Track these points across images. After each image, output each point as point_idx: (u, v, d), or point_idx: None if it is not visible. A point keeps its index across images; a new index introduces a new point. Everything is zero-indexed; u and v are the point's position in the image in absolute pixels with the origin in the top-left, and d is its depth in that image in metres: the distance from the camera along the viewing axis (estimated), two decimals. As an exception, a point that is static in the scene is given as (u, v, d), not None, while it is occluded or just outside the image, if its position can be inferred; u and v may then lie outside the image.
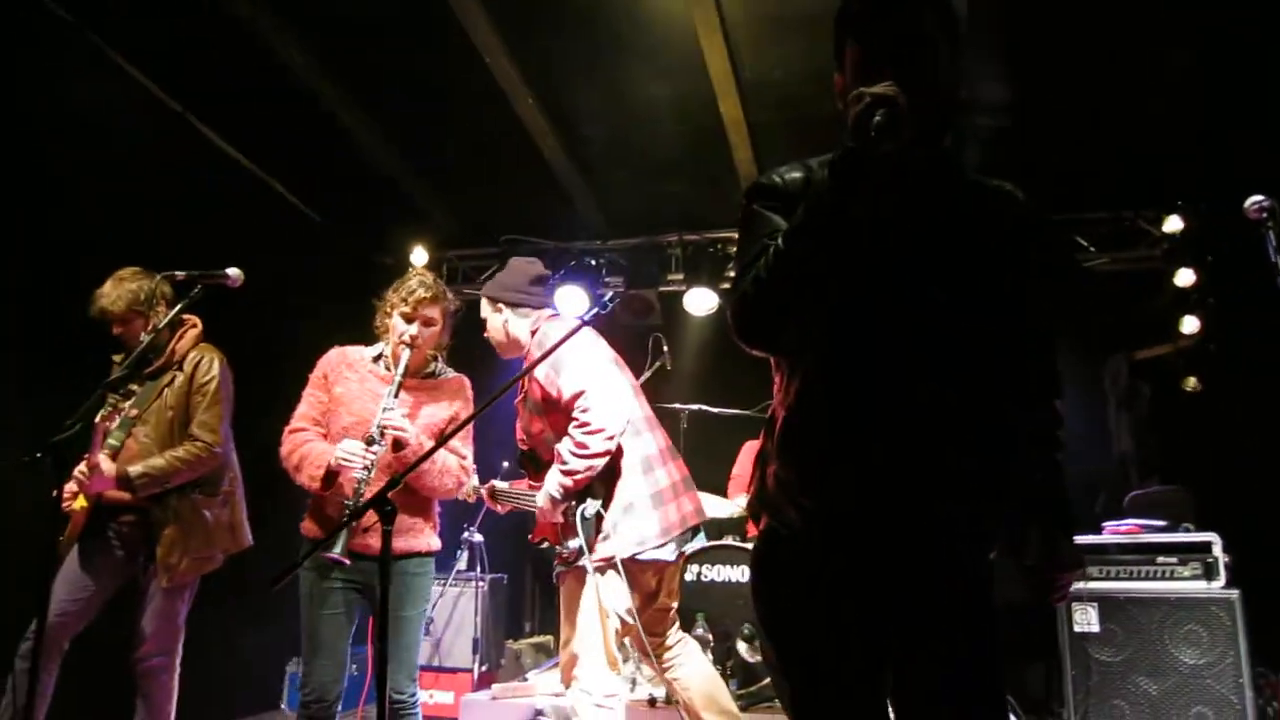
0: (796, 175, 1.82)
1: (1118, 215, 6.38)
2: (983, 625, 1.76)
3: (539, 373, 3.37)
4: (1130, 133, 5.71)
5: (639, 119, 6.07)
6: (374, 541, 3.21)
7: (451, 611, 6.21)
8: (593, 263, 7.09)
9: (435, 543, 3.46)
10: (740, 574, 4.93)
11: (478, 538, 6.37)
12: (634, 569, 3.35)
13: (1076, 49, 5.16)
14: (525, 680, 5.56)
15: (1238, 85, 5.21)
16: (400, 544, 3.31)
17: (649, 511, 3.36)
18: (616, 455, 3.36)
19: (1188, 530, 4.71)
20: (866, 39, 1.74)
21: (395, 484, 2.21)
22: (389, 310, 3.43)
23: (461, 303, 3.67)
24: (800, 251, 1.63)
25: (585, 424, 3.25)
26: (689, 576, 4.95)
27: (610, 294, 2.89)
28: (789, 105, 5.69)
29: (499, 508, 3.96)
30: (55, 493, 2.80)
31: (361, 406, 3.35)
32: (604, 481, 3.37)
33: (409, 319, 3.39)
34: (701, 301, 6.78)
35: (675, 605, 3.65)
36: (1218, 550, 4.51)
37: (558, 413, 3.38)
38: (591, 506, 3.32)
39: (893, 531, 1.73)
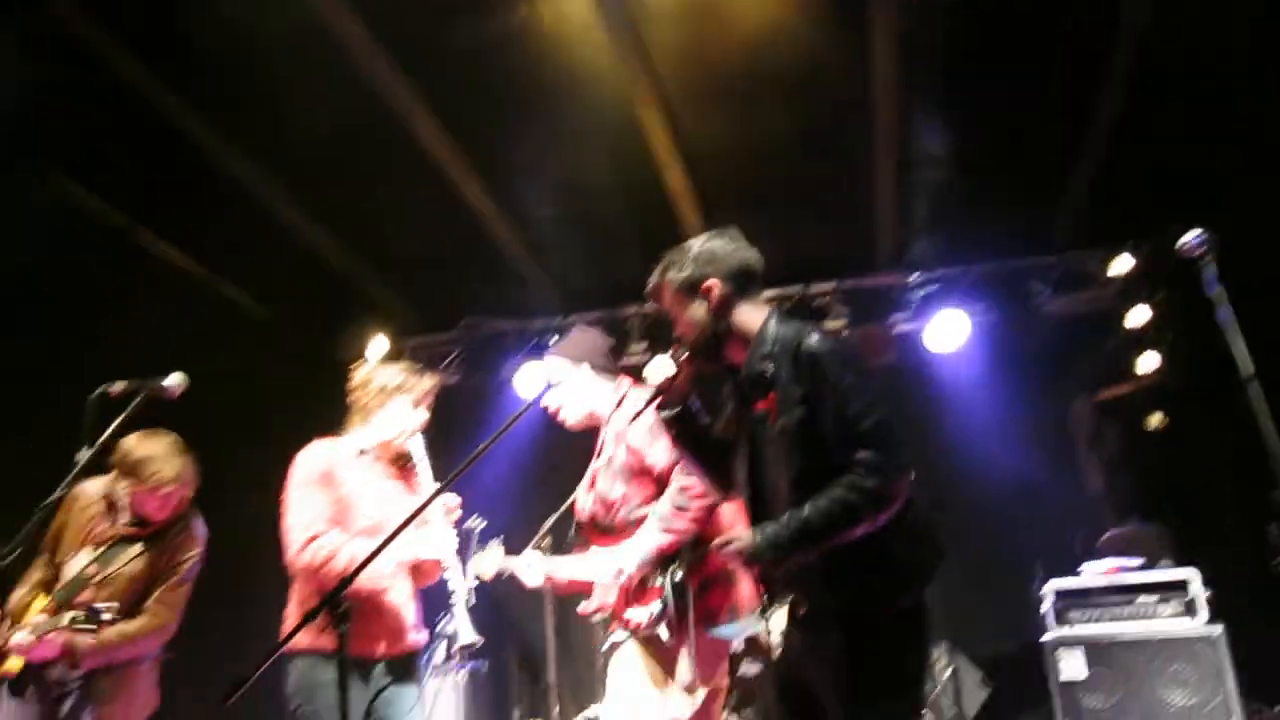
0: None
1: (1066, 258, 6.47)
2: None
3: (636, 438, 3.35)
4: (1072, 177, 5.82)
5: (587, 196, 6.11)
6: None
7: (430, 711, 5.99)
8: (554, 340, 7.04)
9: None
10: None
11: (451, 628, 6.16)
12: (716, 645, 3.26)
13: (1010, 99, 5.27)
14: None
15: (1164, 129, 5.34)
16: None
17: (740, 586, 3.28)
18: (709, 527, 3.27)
19: (1165, 567, 4.68)
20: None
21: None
22: (389, 396, 3.28)
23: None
24: None
25: (688, 487, 3.18)
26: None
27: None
28: (733, 173, 5.75)
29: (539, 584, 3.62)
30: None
31: (372, 507, 3.18)
32: (689, 551, 3.25)
33: (420, 406, 3.34)
34: (663, 370, 6.71)
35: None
36: (1195, 586, 4.48)
37: (646, 478, 3.35)
38: (679, 572, 3.22)
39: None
